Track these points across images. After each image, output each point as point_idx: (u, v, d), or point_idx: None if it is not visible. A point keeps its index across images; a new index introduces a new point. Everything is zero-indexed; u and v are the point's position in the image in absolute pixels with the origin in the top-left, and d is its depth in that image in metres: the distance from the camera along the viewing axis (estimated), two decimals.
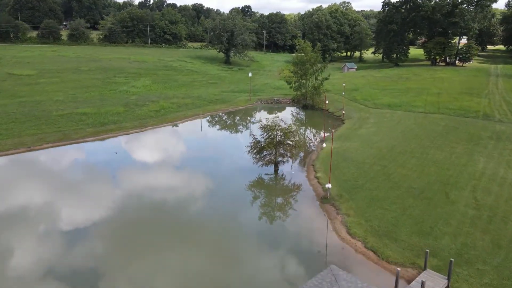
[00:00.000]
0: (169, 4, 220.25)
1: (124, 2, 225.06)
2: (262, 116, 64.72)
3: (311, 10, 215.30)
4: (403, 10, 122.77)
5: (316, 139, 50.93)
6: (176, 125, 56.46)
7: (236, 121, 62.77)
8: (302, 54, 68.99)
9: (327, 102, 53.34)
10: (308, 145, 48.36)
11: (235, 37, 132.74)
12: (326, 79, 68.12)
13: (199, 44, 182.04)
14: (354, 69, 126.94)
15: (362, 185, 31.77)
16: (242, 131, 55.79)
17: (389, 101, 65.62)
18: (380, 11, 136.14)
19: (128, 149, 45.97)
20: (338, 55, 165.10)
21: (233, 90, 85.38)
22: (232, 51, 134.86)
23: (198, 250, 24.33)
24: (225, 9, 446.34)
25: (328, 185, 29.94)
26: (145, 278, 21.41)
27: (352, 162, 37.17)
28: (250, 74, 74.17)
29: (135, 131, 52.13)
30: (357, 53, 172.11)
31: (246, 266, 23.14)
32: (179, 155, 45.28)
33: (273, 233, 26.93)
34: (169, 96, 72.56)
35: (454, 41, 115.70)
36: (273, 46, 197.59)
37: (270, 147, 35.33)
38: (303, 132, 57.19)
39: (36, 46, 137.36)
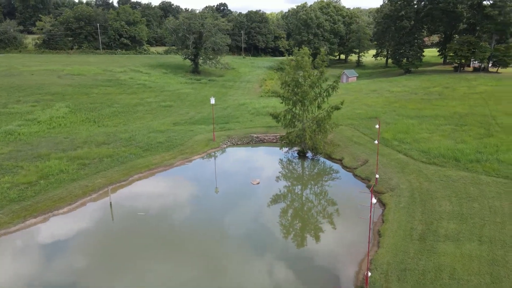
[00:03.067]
0: (132, 3, 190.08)
1: (79, 1, 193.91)
2: (229, 184, 35.86)
3: (295, 7, 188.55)
4: (415, 2, 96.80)
5: (342, 278, 22.33)
6: (45, 225, 27.87)
7: (178, 209, 31.44)
8: (294, 62, 41.67)
9: (372, 186, 23.95)
10: None
11: (203, 40, 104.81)
12: (338, 108, 40.60)
13: (164, 48, 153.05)
14: (355, 78, 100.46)
15: None
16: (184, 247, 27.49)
17: (449, 147, 37.81)
18: (385, 3, 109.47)
19: None
20: (330, 59, 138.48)
21: (191, 118, 57.44)
22: (201, 58, 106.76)
23: None
24: (199, 8, 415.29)
25: None
26: None
27: None
28: (212, 101, 45.48)
29: None
30: (352, 57, 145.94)
31: None
32: None
33: None
34: (79, 141, 43.86)
35: (485, 41, 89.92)
36: (253, 49, 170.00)
37: None
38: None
39: None
